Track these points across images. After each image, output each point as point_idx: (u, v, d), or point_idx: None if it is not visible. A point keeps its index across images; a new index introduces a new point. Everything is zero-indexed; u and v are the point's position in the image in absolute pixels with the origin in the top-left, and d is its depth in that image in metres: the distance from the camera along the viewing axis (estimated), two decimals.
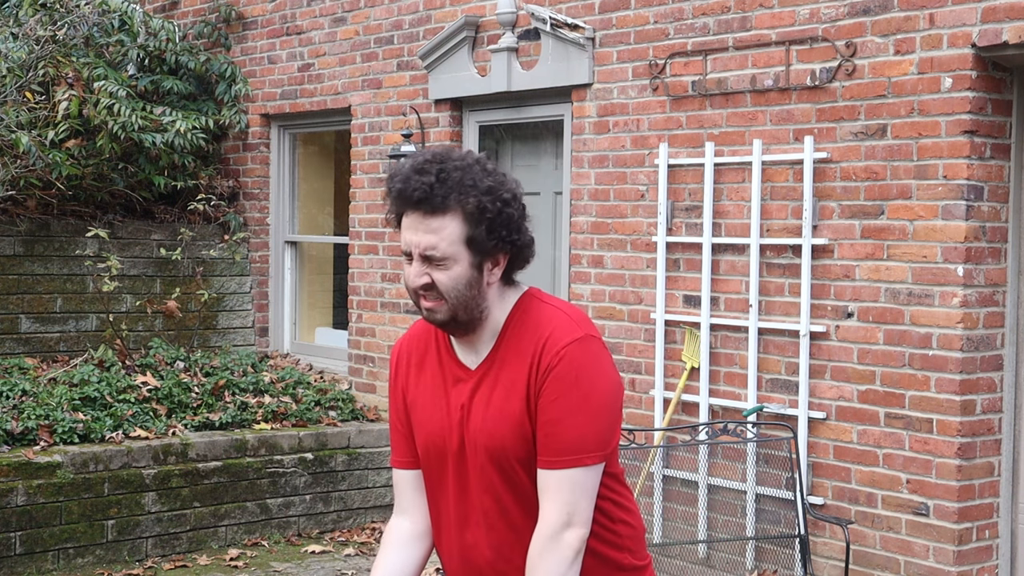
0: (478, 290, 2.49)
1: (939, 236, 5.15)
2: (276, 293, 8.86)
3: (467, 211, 2.43)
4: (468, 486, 2.56)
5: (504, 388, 2.52)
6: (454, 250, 2.45)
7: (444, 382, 2.60)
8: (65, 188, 7.91)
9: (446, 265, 2.45)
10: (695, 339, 6.05)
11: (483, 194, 2.45)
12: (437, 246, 2.44)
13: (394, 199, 2.49)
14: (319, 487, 7.33)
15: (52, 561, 6.37)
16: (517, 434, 2.49)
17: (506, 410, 2.50)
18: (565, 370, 2.45)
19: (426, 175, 2.43)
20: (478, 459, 2.53)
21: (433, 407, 2.60)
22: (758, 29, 5.80)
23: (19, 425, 6.48)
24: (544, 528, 2.42)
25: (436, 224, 2.44)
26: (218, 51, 9.04)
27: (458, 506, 2.58)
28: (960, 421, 5.11)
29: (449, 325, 2.53)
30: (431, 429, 2.59)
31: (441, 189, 2.43)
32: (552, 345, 2.47)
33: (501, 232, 2.48)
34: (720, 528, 5.97)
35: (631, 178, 6.38)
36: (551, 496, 2.42)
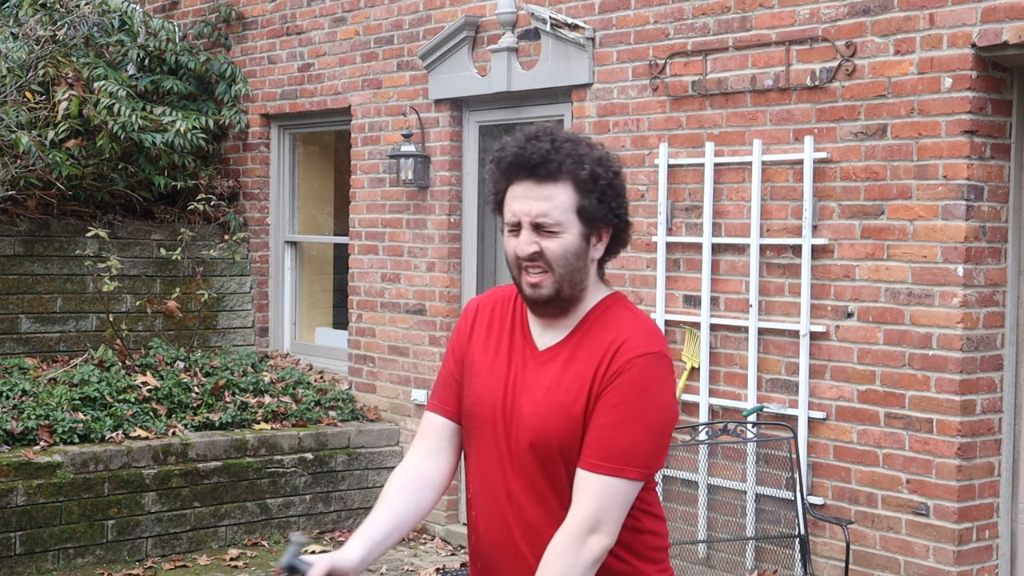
0: (584, 263, 2.52)
1: (939, 236, 5.15)
2: (276, 293, 8.86)
3: (580, 179, 2.46)
4: (505, 462, 2.54)
5: (568, 380, 2.49)
6: (566, 218, 2.46)
7: (510, 354, 2.59)
8: (65, 188, 7.91)
9: (557, 233, 2.46)
10: (695, 339, 6.05)
11: (595, 163, 2.48)
12: (550, 213, 2.45)
13: (507, 167, 2.49)
14: (319, 487, 7.34)
15: (52, 561, 6.37)
16: (567, 427, 2.47)
17: (564, 402, 2.48)
18: (633, 378, 2.43)
19: (541, 142, 2.46)
20: (520, 440, 2.50)
21: (490, 375, 2.58)
22: (758, 29, 5.80)
23: (19, 425, 6.48)
24: (570, 527, 2.39)
25: (549, 191, 2.46)
26: (218, 51, 9.04)
27: (494, 477, 2.56)
28: (960, 421, 5.11)
29: (552, 303, 2.51)
30: (482, 395, 2.57)
31: (556, 155, 2.45)
32: (626, 351, 2.46)
33: (611, 203, 2.51)
34: (720, 528, 5.97)
35: (631, 178, 6.38)
36: (586, 498, 2.40)
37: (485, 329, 2.65)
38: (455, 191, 7.44)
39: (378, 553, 2.55)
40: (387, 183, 7.80)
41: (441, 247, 7.45)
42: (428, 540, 7.28)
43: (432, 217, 7.51)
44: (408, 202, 7.67)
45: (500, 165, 2.51)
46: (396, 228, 7.77)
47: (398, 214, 7.75)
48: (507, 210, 2.51)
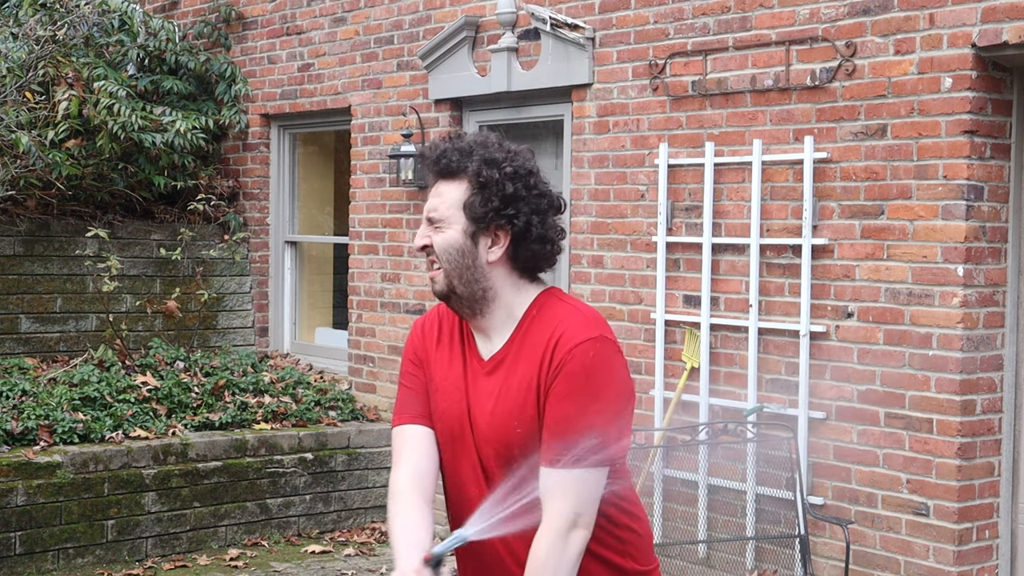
0: (472, 262, 2.53)
1: (939, 236, 5.15)
2: (276, 293, 8.86)
3: (469, 176, 2.53)
4: (478, 475, 2.56)
5: (517, 383, 2.51)
6: (451, 213, 2.54)
7: (463, 367, 2.62)
8: (65, 188, 7.91)
9: (441, 227, 2.55)
10: (695, 339, 6.05)
11: (484, 161, 2.53)
12: (438, 208, 2.55)
13: (424, 164, 2.63)
14: (319, 487, 7.33)
15: (52, 561, 6.37)
16: (524, 431, 2.47)
17: (514, 407, 2.49)
18: (575, 368, 2.42)
19: (445, 142, 2.59)
20: (485, 452, 2.54)
21: (448, 390, 2.61)
22: (758, 29, 5.80)
23: (19, 425, 6.48)
24: (550, 528, 2.39)
25: (444, 188, 2.56)
26: (218, 51, 9.04)
27: (469, 492, 2.57)
28: (960, 421, 5.11)
29: (450, 299, 2.58)
30: (445, 409, 2.61)
31: (452, 154, 2.55)
32: (565, 342, 2.45)
33: (494, 202, 2.51)
34: (720, 528, 5.97)
35: (631, 178, 6.38)
36: (558, 496, 2.39)
37: (435, 344, 2.68)
38: None
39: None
40: (387, 183, 7.80)
41: None
42: None
43: None
44: (408, 202, 7.67)
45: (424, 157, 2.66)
46: (396, 228, 7.77)
47: (398, 214, 7.75)
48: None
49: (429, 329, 2.71)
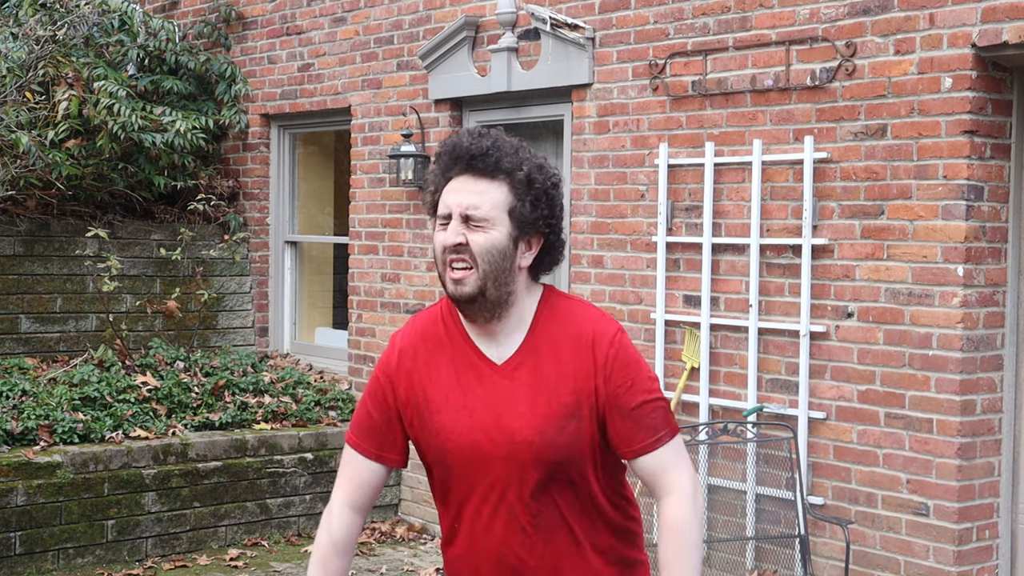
0: (510, 266, 2.48)
1: (939, 236, 5.15)
2: (276, 293, 8.86)
3: (516, 180, 2.47)
4: (507, 489, 2.48)
5: (553, 383, 2.48)
6: (496, 214, 2.46)
7: (464, 378, 2.52)
8: (65, 188, 7.91)
9: (484, 228, 2.45)
10: (695, 339, 6.05)
11: (534, 168, 2.49)
12: (480, 206, 2.45)
13: (448, 159, 2.50)
14: (319, 487, 7.33)
15: (52, 561, 6.37)
16: (572, 430, 2.47)
17: (561, 405, 2.47)
18: (624, 357, 2.50)
19: (484, 139, 2.48)
20: (521, 460, 2.46)
21: (453, 405, 2.51)
22: (758, 29, 5.80)
23: (19, 425, 6.48)
24: (683, 498, 2.48)
25: (483, 186, 2.46)
26: (218, 51, 9.04)
27: (493, 511, 2.50)
28: (960, 421, 5.11)
29: (476, 302, 2.47)
30: (452, 428, 2.50)
31: (496, 152, 2.46)
32: (603, 337, 2.50)
33: (543, 210, 2.50)
34: (720, 528, 5.97)
35: (631, 178, 6.38)
36: (672, 469, 2.49)
37: (426, 363, 2.55)
38: None
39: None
40: (387, 183, 7.80)
41: None
42: (428, 540, 7.28)
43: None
44: (408, 202, 7.67)
45: (441, 159, 2.52)
46: (396, 228, 7.77)
47: (398, 214, 7.75)
48: (441, 204, 2.50)
49: (410, 351, 2.58)
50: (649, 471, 2.50)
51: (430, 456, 2.56)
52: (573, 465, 2.48)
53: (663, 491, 2.50)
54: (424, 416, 2.54)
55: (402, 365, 2.58)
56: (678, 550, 2.46)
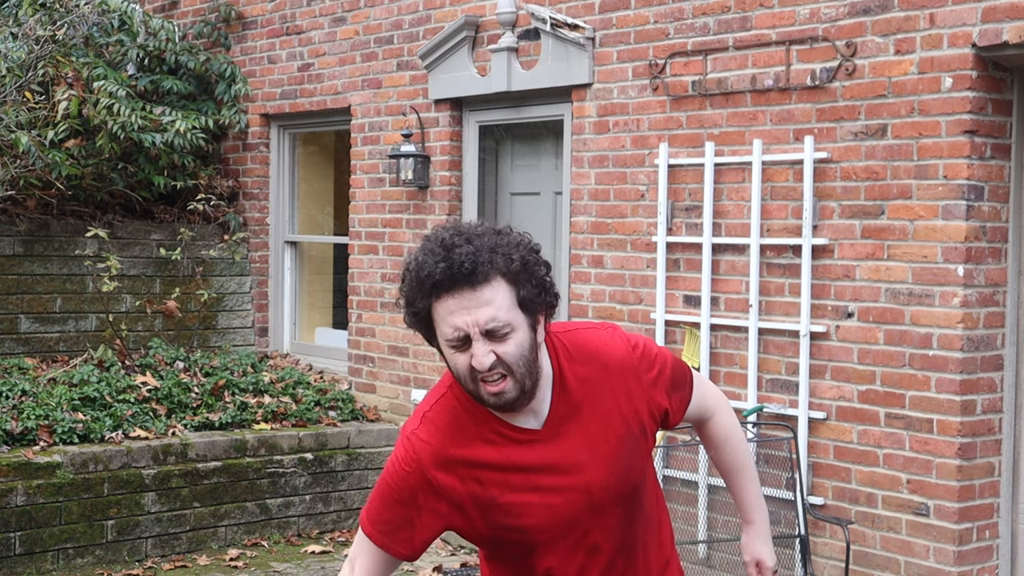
0: (536, 354, 2.38)
1: (939, 236, 5.15)
2: (276, 293, 8.86)
3: (511, 272, 2.33)
4: (598, 538, 2.52)
5: (597, 424, 2.48)
6: (512, 316, 2.33)
7: (515, 456, 2.44)
8: (65, 188, 7.91)
9: (509, 334, 2.33)
10: (695, 339, 6.05)
11: (520, 251, 2.36)
12: (496, 316, 2.31)
13: (435, 284, 2.31)
14: (319, 487, 7.33)
15: (52, 561, 6.37)
16: (635, 457, 2.54)
17: (612, 442, 2.49)
18: (643, 353, 2.58)
19: (460, 248, 2.31)
20: (603, 506, 2.49)
21: (522, 487, 2.44)
22: (758, 29, 5.80)
23: (19, 425, 6.48)
24: (721, 406, 2.80)
25: (487, 295, 2.31)
26: (218, 51, 9.04)
27: (584, 563, 2.53)
28: (960, 421, 5.10)
29: (518, 401, 2.38)
30: (532, 507, 2.44)
31: (482, 255, 2.31)
32: (621, 348, 2.54)
33: (544, 285, 2.40)
34: (720, 528, 5.97)
35: (631, 178, 6.38)
36: (707, 396, 2.76)
37: (464, 460, 2.44)
38: (455, 191, 7.44)
39: None
40: (387, 183, 7.79)
41: None
42: None
43: (432, 217, 7.50)
44: (408, 202, 7.67)
45: (424, 284, 2.32)
46: (396, 228, 7.77)
47: (398, 214, 7.75)
48: (444, 326, 2.33)
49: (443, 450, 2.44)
50: (694, 410, 2.74)
51: (509, 541, 2.50)
52: (640, 487, 2.58)
53: (705, 415, 2.78)
54: (491, 511, 2.45)
55: (442, 467, 2.45)
56: (732, 454, 2.83)
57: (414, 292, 2.35)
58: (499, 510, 2.44)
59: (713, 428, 2.80)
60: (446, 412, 2.47)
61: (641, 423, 2.53)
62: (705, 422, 2.79)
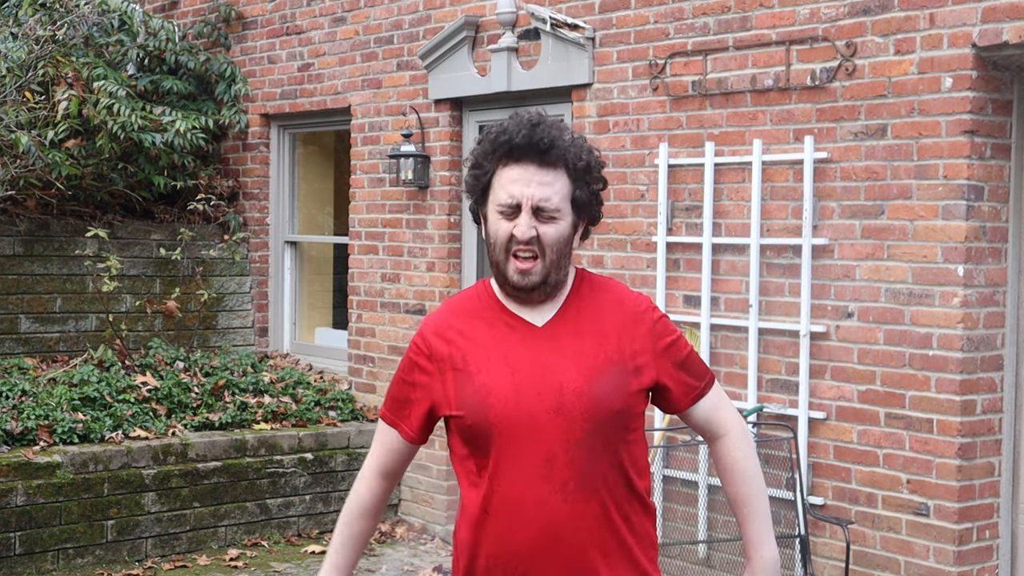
0: (569, 250, 2.56)
1: (939, 236, 5.15)
2: (276, 293, 8.86)
3: (577, 169, 2.52)
4: (553, 445, 2.50)
5: (593, 340, 2.55)
6: (564, 205, 2.51)
7: (505, 341, 2.56)
8: (65, 188, 7.91)
9: (555, 219, 2.51)
10: (695, 339, 6.05)
11: (590, 155, 2.56)
12: (551, 198, 2.49)
13: (511, 149, 2.50)
14: (319, 487, 7.33)
15: (52, 561, 6.37)
16: (620, 386, 2.54)
17: (601, 359, 2.54)
18: (664, 319, 2.64)
19: (543, 128, 2.52)
20: (571, 412, 2.50)
21: (500, 366, 2.53)
22: (758, 29, 5.80)
23: (19, 425, 6.48)
24: (738, 431, 2.69)
25: (550, 178, 2.50)
26: (218, 51, 9.04)
27: (536, 469, 2.49)
28: (960, 421, 5.11)
29: (539, 289, 2.54)
30: (503, 389, 2.51)
31: (562, 143, 2.52)
32: (643, 302, 2.63)
33: (596, 194, 2.59)
34: (720, 528, 5.97)
35: (631, 178, 6.38)
36: (723, 409, 2.69)
37: (459, 332, 2.59)
38: (455, 191, 7.44)
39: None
40: (387, 183, 7.80)
41: (441, 247, 7.45)
42: (428, 540, 7.27)
43: (432, 217, 7.51)
44: (408, 202, 7.67)
45: (501, 144, 2.52)
46: (396, 228, 7.77)
47: (398, 214, 7.75)
48: (501, 191, 2.52)
49: (444, 322, 2.62)
50: (703, 415, 2.67)
51: (472, 420, 2.53)
52: (615, 423, 2.53)
53: (717, 431, 2.68)
54: (464, 381, 2.56)
55: (439, 333, 2.62)
56: (745, 487, 2.67)
57: (487, 153, 2.55)
58: (471, 383, 2.54)
59: (724, 452, 2.69)
60: (461, 297, 2.69)
61: (636, 365, 2.56)
62: (716, 440, 2.70)
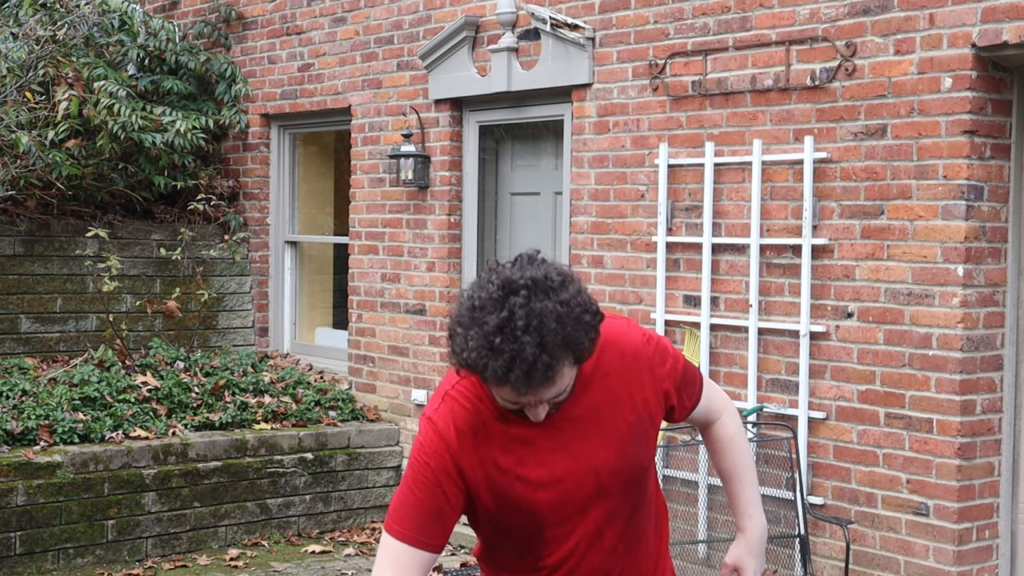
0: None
1: (939, 236, 5.15)
2: (276, 293, 8.86)
3: (579, 355, 2.35)
4: (602, 523, 2.56)
5: (609, 410, 2.54)
6: (570, 376, 2.38)
7: (528, 436, 2.50)
8: (65, 188, 7.91)
9: (563, 392, 2.41)
10: (695, 339, 6.05)
11: (586, 332, 2.34)
12: (561, 392, 2.39)
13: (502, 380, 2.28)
14: (319, 487, 7.33)
15: (52, 561, 6.37)
16: (643, 444, 2.59)
17: (623, 428, 2.55)
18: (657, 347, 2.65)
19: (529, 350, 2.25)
20: (612, 490, 2.54)
21: (533, 464, 2.49)
22: (758, 29, 5.80)
23: (19, 425, 6.48)
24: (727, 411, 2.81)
25: (556, 380, 2.34)
26: (218, 51, 9.04)
27: (588, 549, 2.55)
28: (960, 421, 5.11)
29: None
30: (543, 485, 2.49)
31: (556, 357, 2.29)
32: (637, 338, 2.62)
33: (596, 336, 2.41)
34: (720, 528, 5.97)
35: (631, 178, 6.38)
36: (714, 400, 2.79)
37: (485, 437, 2.49)
38: (455, 191, 7.45)
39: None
40: (387, 183, 7.80)
41: (441, 247, 7.45)
42: None
43: (432, 217, 7.51)
44: (408, 202, 7.67)
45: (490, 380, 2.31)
46: (396, 228, 7.77)
47: (398, 214, 7.75)
48: (501, 398, 2.39)
49: (466, 427, 2.49)
50: (701, 413, 2.78)
51: (515, 519, 2.52)
52: (646, 474, 2.62)
53: (711, 419, 2.80)
54: (501, 486, 2.49)
55: (464, 444, 2.49)
56: (735, 457, 2.81)
57: (474, 371, 2.31)
58: (512, 490, 2.48)
59: (717, 431, 2.81)
60: (467, 392, 2.51)
61: (650, 411, 2.60)
62: (710, 425, 2.81)
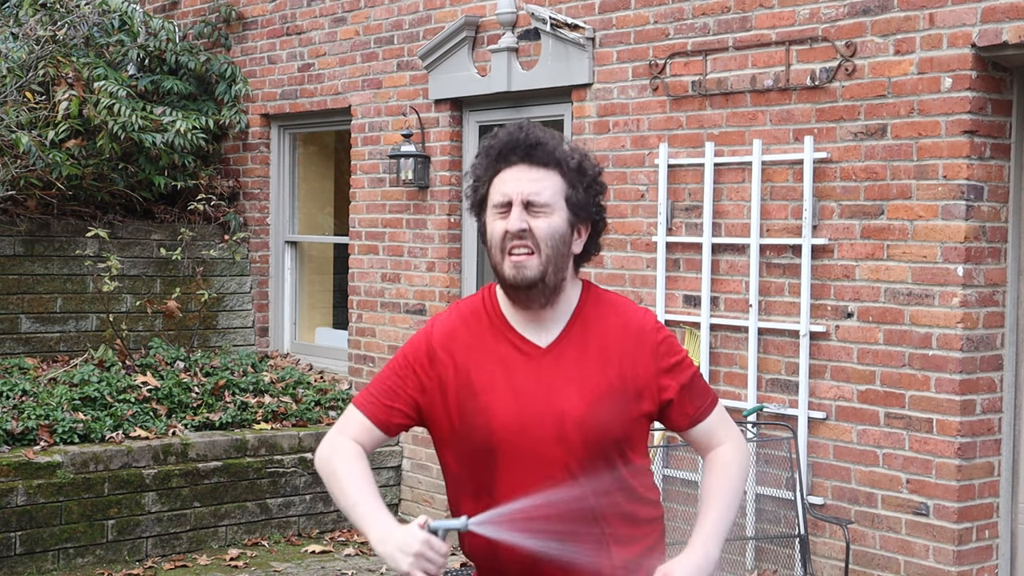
0: (567, 251, 2.59)
1: (939, 236, 5.15)
2: (276, 293, 8.86)
3: (569, 169, 2.58)
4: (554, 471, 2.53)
5: (596, 364, 2.57)
6: (556, 200, 2.56)
7: (510, 361, 2.58)
8: (65, 188, 7.92)
9: (546, 213, 2.55)
10: (695, 339, 6.05)
11: (583, 157, 2.62)
12: (541, 192, 2.55)
13: (501, 150, 2.58)
14: (319, 487, 7.33)
15: (52, 561, 6.37)
16: (620, 413, 2.57)
17: (603, 385, 2.56)
18: (669, 340, 2.67)
19: (534, 131, 2.60)
20: (572, 440, 2.53)
21: (503, 388, 2.56)
22: (758, 29, 5.80)
23: (19, 425, 6.48)
24: (737, 445, 2.74)
25: (540, 174, 2.56)
26: (218, 51, 9.04)
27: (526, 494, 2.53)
28: (960, 421, 5.11)
29: (535, 287, 2.56)
30: (506, 412, 2.54)
31: (550, 143, 2.58)
32: (648, 324, 2.64)
33: (595, 198, 2.63)
34: None
35: (631, 178, 6.38)
36: (723, 428, 2.73)
37: (467, 345, 2.61)
38: (455, 191, 7.45)
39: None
40: (387, 183, 7.80)
41: (441, 247, 7.46)
42: None
43: (432, 217, 7.51)
44: (408, 202, 7.67)
45: (491, 150, 2.60)
46: (396, 228, 7.77)
47: (398, 214, 7.75)
48: (496, 193, 2.58)
49: (453, 330, 2.63)
50: (703, 434, 2.71)
51: (473, 440, 2.57)
52: (616, 447, 2.57)
53: (714, 444, 2.72)
54: (467, 398, 2.58)
55: (445, 344, 2.63)
56: (720, 480, 2.69)
57: (481, 163, 2.62)
58: (478, 404, 2.56)
59: (716, 452, 2.73)
60: (469, 304, 2.69)
61: (637, 388, 2.59)
62: (713, 448, 2.74)
